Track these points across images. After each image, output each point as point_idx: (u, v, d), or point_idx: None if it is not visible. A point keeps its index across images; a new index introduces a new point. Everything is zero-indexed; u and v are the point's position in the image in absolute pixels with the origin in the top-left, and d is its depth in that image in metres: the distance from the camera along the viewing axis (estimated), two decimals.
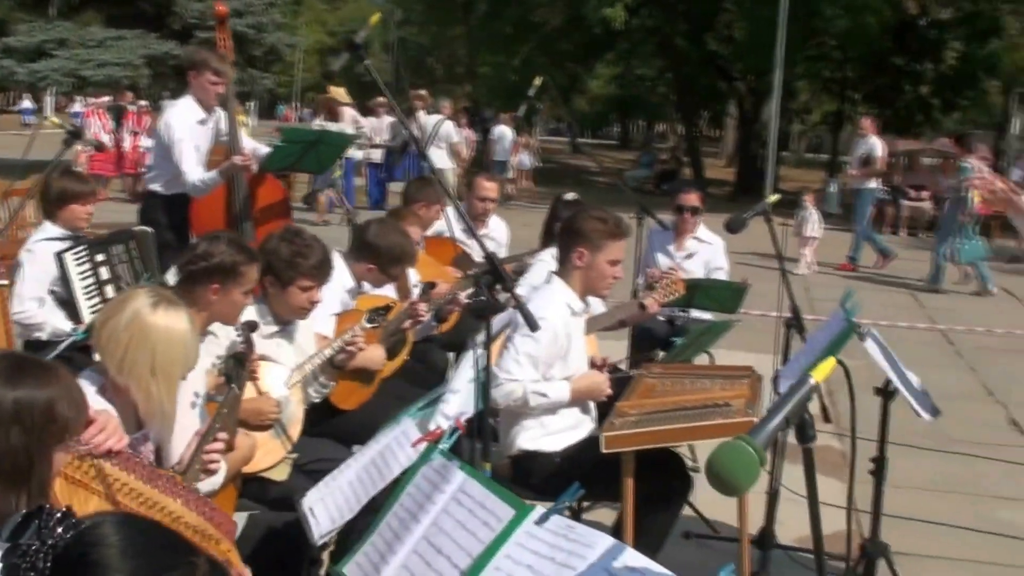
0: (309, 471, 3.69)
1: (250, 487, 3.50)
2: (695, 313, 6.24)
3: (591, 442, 4.10)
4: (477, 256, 6.18)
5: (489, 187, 6.56)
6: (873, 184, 14.78)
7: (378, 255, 4.73)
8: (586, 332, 4.27)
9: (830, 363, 1.85)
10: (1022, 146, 35.42)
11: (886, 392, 4.02)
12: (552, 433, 4.06)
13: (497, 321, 4.96)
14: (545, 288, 4.12)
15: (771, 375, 4.48)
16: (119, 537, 1.46)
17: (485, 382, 3.34)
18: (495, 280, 3.22)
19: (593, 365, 4.28)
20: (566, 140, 46.18)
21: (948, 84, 28.73)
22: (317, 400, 4.02)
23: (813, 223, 13.87)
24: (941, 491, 5.80)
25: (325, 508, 2.88)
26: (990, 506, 5.67)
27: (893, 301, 11.92)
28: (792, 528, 4.86)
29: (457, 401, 3.61)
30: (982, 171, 12.87)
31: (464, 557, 2.26)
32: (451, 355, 5.69)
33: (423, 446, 2.82)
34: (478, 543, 2.26)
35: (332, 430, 4.13)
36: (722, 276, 6.39)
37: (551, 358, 3.96)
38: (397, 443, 2.93)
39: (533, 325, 3.24)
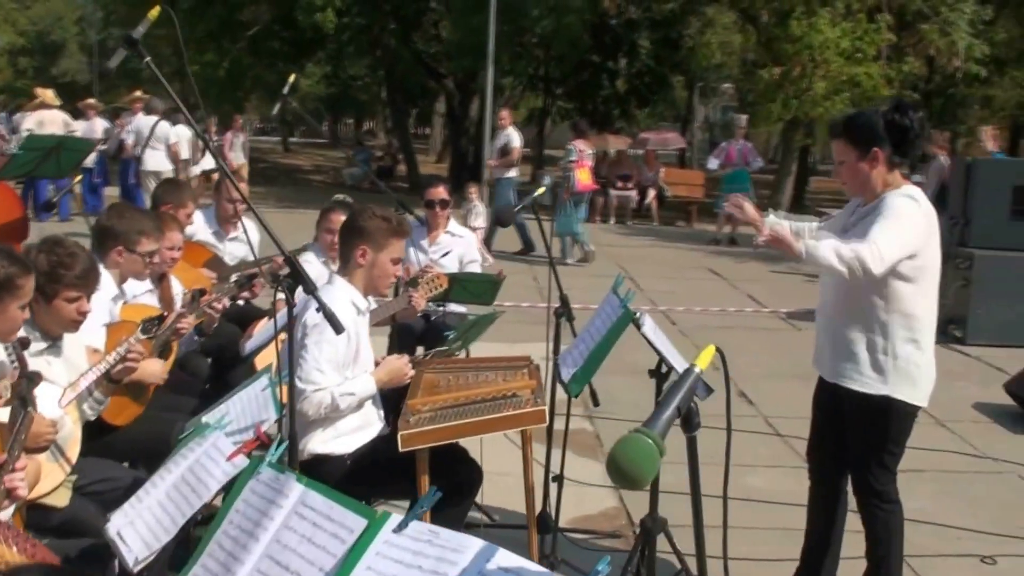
0: (89, 492, 3.47)
1: (31, 515, 3.21)
2: (452, 307, 6.32)
3: (381, 442, 4.07)
4: (229, 259, 5.98)
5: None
6: (512, 173, 15.36)
7: (117, 234, 4.54)
8: None
9: (710, 351, 1.92)
10: (704, 137, 38.24)
11: (660, 374, 4.20)
12: (342, 435, 3.99)
13: (267, 327, 4.85)
14: (328, 288, 4.03)
15: (545, 364, 4.58)
16: None
17: (285, 385, 3.22)
18: (296, 282, 3.11)
19: None
20: (276, 140, 45.38)
21: (641, 81, 30.52)
22: (92, 417, 3.74)
23: (478, 215, 14.31)
24: None
25: (136, 532, 2.68)
26: (734, 473, 6.06)
27: (605, 286, 12.46)
28: (567, 511, 5.01)
29: (250, 411, 3.48)
30: (584, 153, 14.13)
31: (316, 573, 2.16)
32: (209, 360, 5.48)
33: (241, 459, 2.69)
34: (330, 557, 2.17)
35: (105, 448, 3.87)
36: (476, 269, 6.49)
37: (347, 359, 3.90)
38: (209, 457, 2.77)
39: (337, 327, 3.16)
